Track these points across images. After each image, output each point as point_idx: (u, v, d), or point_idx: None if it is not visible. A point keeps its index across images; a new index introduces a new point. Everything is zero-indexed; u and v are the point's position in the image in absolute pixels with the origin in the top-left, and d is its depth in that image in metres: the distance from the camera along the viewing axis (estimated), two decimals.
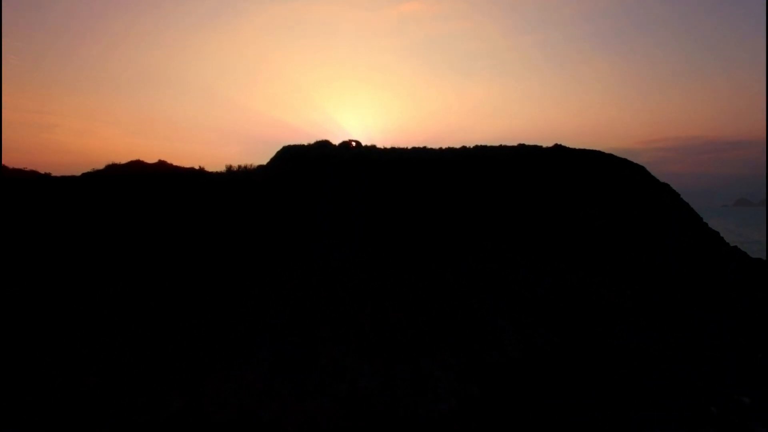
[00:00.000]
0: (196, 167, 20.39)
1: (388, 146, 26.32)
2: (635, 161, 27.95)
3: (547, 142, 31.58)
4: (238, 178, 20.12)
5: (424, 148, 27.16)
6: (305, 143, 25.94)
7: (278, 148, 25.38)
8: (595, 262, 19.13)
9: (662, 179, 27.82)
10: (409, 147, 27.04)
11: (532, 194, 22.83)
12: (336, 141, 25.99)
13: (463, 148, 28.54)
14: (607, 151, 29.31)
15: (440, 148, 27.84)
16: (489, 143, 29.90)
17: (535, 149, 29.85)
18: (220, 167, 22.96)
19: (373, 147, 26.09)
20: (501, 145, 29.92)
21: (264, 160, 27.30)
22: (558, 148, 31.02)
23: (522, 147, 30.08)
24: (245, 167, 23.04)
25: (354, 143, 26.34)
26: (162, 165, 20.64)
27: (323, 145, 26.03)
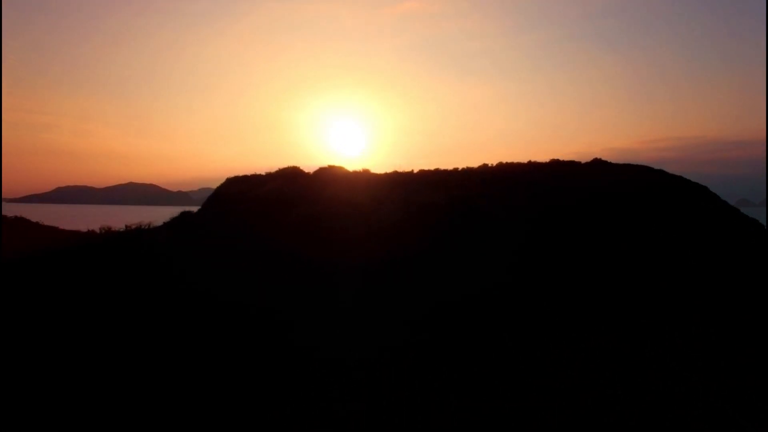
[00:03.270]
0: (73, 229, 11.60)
1: (389, 170, 17.91)
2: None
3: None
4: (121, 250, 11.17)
5: (437, 170, 18.88)
6: (263, 172, 17.21)
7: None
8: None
9: None
10: (416, 170, 18.67)
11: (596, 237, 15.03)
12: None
13: (484, 165, 20.68)
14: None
15: (455, 169, 19.73)
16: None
17: (574, 166, 22.59)
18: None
19: (366, 172, 17.56)
20: (530, 161, 22.48)
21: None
22: (597, 163, 23.86)
23: (556, 163, 22.76)
24: (143, 227, 14.67)
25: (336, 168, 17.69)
26: (17, 225, 11.39)
27: (287, 176, 17.20)
